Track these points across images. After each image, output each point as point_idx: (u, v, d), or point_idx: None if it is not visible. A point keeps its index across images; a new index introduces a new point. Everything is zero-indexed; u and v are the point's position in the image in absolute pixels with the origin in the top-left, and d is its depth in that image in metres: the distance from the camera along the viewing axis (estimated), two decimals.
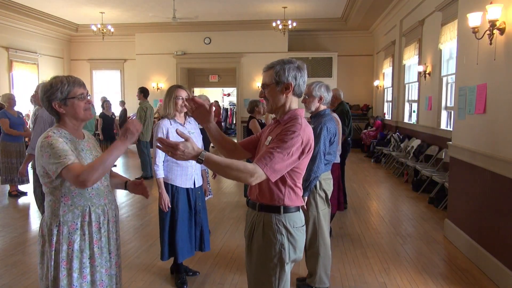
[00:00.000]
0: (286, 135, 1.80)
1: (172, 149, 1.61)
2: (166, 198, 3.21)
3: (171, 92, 3.25)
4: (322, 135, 2.98)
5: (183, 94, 3.24)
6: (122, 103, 11.98)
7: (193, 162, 3.30)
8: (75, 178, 1.78)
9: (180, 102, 3.22)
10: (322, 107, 3.23)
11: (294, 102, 1.96)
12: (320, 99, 3.18)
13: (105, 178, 2.08)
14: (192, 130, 3.37)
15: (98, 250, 1.99)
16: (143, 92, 7.85)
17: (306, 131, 1.85)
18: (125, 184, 2.23)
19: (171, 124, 3.22)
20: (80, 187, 1.87)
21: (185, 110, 3.31)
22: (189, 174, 3.29)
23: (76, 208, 1.94)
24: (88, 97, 2.00)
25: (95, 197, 1.99)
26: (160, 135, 3.15)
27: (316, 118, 3.13)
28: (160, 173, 3.21)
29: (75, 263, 1.93)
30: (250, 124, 5.36)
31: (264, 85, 1.96)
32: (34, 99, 4.14)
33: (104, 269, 2.02)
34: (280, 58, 2.00)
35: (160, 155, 3.21)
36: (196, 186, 3.37)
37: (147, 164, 7.87)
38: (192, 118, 3.47)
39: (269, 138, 1.91)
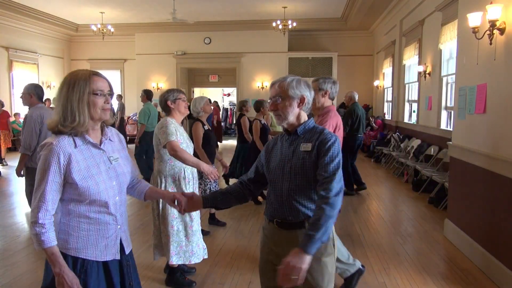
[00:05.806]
0: None
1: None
2: (73, 281, 1.60)
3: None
4: None
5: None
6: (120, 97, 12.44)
7: (121, 208, 1.79)
8: None
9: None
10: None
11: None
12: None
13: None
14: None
15: None
16: (147, 94, 7.62)
17: None
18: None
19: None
20: None
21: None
22: (111, 236, 1.75)
23: None
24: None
25: None
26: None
27: None
28: (50, 236, 1.57)
29: None
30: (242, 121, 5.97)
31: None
32: (23, 99, 4.13)
33: None
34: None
35: (49, 199, 1.57)
36: (126, 252, 1.85)
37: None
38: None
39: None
